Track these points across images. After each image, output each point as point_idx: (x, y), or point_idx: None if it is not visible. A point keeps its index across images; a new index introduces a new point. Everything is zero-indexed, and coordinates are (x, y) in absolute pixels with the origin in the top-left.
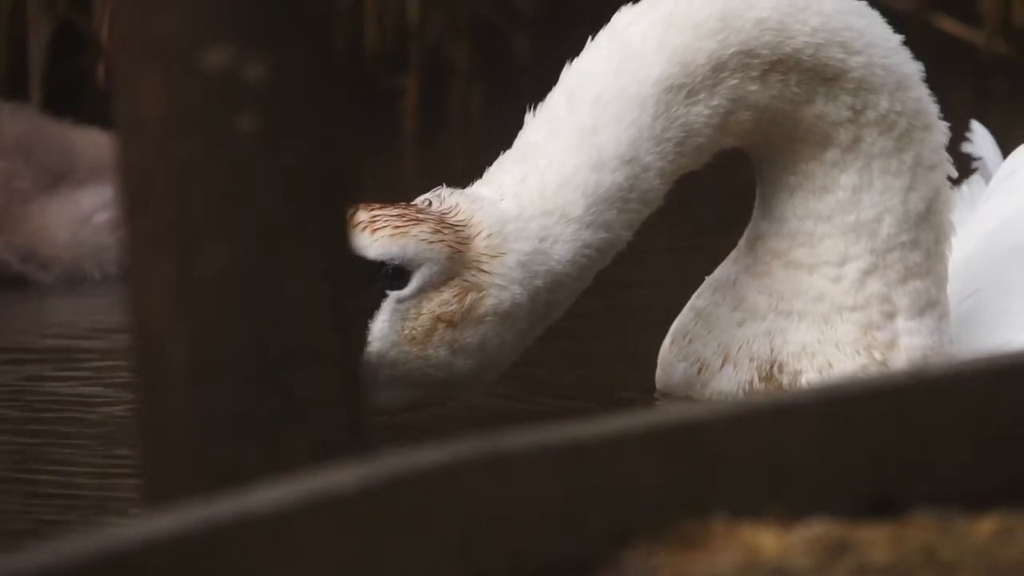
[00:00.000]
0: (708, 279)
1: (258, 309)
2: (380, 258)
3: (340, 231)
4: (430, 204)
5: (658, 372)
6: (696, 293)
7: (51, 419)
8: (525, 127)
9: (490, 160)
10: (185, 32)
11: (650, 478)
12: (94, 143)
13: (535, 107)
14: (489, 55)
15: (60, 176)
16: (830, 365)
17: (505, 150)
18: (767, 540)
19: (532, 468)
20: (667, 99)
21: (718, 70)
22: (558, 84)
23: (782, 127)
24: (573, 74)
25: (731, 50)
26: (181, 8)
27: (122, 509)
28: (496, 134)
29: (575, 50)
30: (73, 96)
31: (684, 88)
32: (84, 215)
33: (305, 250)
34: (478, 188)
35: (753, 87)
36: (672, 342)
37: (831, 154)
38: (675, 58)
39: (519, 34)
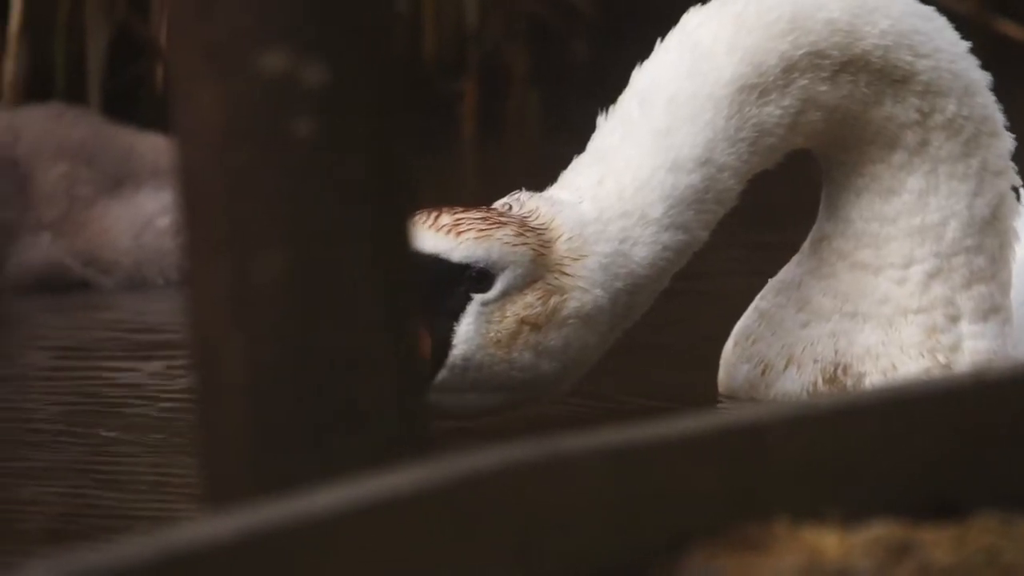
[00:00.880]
0: (772, 281)
1: (314, 315)
2: (465, 261)
3: (397, 237)
4: (510, 208)
5: (721, 374)
6: (760, 295)
7: (113, 425)
8: (598, 130)
9: (548, 163)
10: (242, 36)
11: (711, 481)
12: (155, 147)
13: (603, 110)
14: (547, 58)
15: (122, 181)
16: (894, 367)
17: (562, 153)
18: (829, 542)
19: (591, 471)
20: (740, 99)
21: (789, 71)
22: (628, 86)
23: (851, 128)
24: (644, 76)
25: (801, 51)
26: (238, 12)
27: (180, 513)
28: (554, 137)
29: (633, 52)
30: (131, 101)
31: (756, 88)
32: (145, 219)
33: (361, 256)
34: (555, 192)
35: (823, 88)
36: (735, 343)
37: (898, 156)
38: (746, 59)
39: (577, 37)
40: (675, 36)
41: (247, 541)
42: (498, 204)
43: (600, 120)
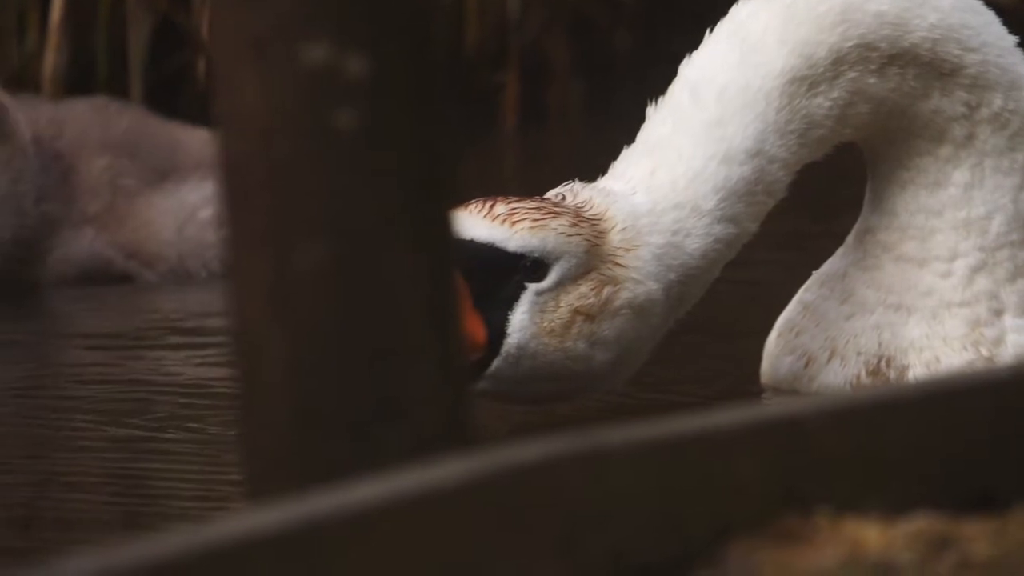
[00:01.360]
0: (816, 273)
1: (356, 306)
2: (520, 251)
3: (439, 228)
4: (563, 198)
5: (764, 365)
6: (804, 287)
7: (155, 416)
8: (648, 121)
9: (590, 154)
10: (284, 27)
11: (752, 473)
12: (200, 140)
13: (649, 101)
14: (589, 49)
15: (165, 173)
16: (938, 360)
17: (604, 144)
18: (870, 535)
19: (633, 464)
20: (790, 91)
21: (838, 63)
22: (678, 77)
23: (899, 121)
24: (694, 67)
25: (851, 43)
26: (280, 4)
27: (223, 505)
28: (595, 128)
29: (674, 43)
30: (173, 93)
31: (806, 80)
32: (189, 212)
33: (403, 247)
34: (608, 182)
35: (872, 80)
36: (779, 335)
37: (945, 150)
38: (796, 50)
39: (618, 28)
40: (725, 27)
41: (289, 534)
42: (551, 194)
43: (649, 111)
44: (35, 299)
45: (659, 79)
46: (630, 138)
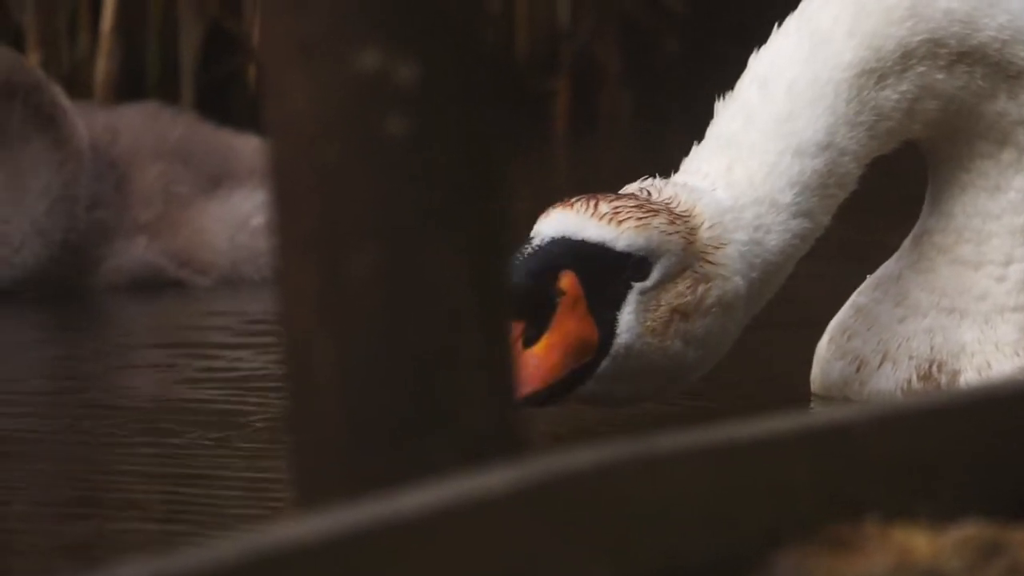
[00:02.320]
0: (871, 277)
1: (405, 312)
2: (628, 250)
3: (488, 234)
4: (648, 195)
5: (814, 370)
6: (857, 291)
7: (205, 423)
8: (717, 116)
9: (640, 161)
10: (334, 34)
11: (803, 479)
12: (252, 147)
13: (719, 97)
14: (639, 56)
15: (218, 181)
16: (989, 365)
17: (654, 150)
18: (919, 542)
19: (685, 469)
20: (859, 83)
21: (906, 57)
22: (746, 72)
23: (965, 121)
24: (763, 61)
25: (919, 38)
26: (330, 10)
27: (272, 513)
28: (646, 134)
29: (724, 50)
30: (224, 98)
31: (875, 73)
32: (242, 219)
33: (452, 253)
34: (682, 178)
35: (940, 76)
36: (830, 339)
37: (1008, 154)
38: (865, 43)
39: (669, 35)
40: (794, 20)
41: (339, 541)
42: (632, 189)
43: (718, 106)
44: (88, 306)
45: (708, 85)
46: (680, 143)
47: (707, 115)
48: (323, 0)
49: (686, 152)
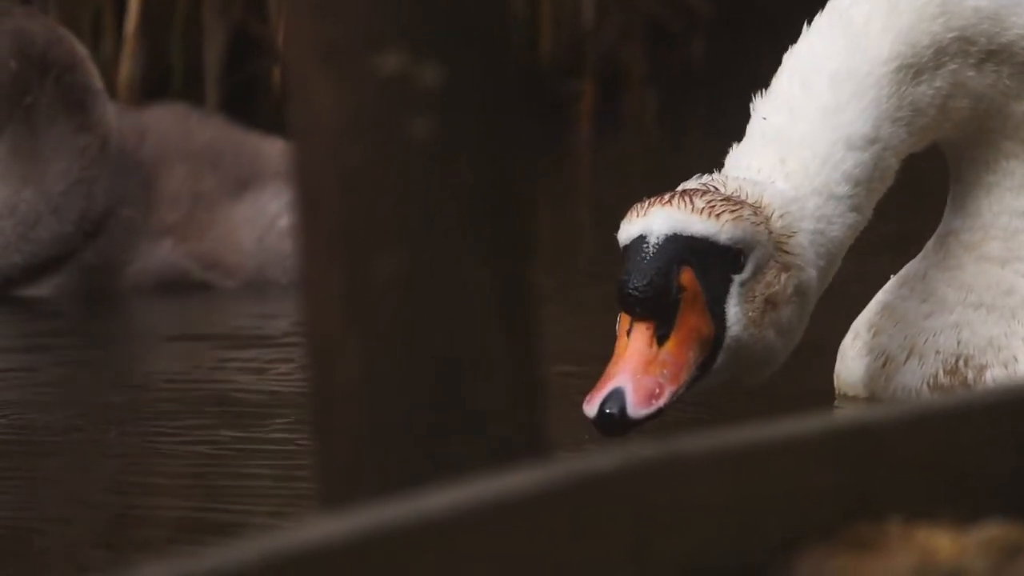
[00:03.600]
0: (895, 276)
1: (429, 316)
2: (730, 243)
3: (512, 237)
4: (715, 189)
5: (837, 367)
6: (882, 289)
7: (230, 425)
8: (756, 112)
9: (665, 163)
10: (359, 37)
11: (825, 481)
12: (279, 150)
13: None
14: (664, 58)
15: (245, 183)
16: (1016, 359)
17: (679, 153)
18: (942, 543)
19: (707, 471)
20: (898, 78)
21: (940, 53)
22: (782, 68)
23: (993, 120)
24: (798, 56)
25: (951, 34)
26: (355, 13)
27: (298, 514)
28: (671, 137)
29: (749, 53)
30: (249, 101)
31: (912, 68)
32: (269, 222)
33: (476, 256)
34: (731, 173)
35: (971, 73)
36: (855, 336)
37: None
38: (900, 38)
39: (694, 37)
40: (826, 16)
41: (364, 543)
42: (692, 185)
43: (756, 103)
44: (115, 307)
45: (733, 87)
46: (704, 144)
47: (732, 116)
48: (348, 3)
49: (710, 153)
